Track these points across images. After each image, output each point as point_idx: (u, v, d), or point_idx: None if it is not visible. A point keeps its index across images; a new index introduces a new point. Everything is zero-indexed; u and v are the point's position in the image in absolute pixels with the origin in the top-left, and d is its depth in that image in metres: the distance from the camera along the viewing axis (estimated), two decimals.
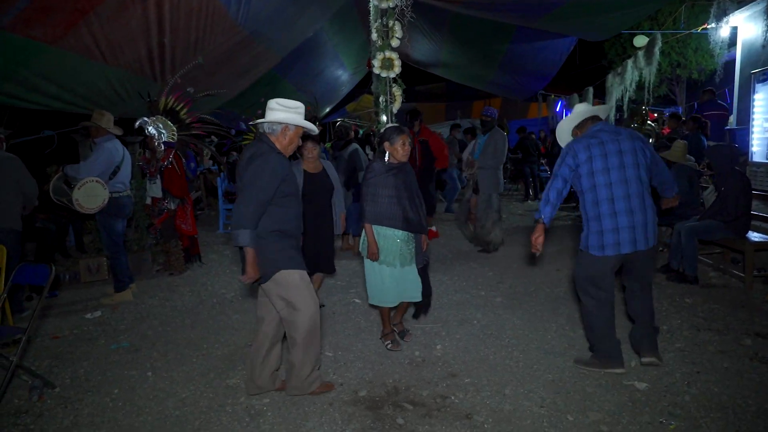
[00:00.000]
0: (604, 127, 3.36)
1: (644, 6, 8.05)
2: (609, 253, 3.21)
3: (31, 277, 3.65)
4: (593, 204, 3.24)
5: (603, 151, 3.21)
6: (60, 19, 5.07)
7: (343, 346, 4.02)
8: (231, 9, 6.67)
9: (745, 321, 4.17)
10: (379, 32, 4.72)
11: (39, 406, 3.27)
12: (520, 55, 12.04)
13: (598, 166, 3.20)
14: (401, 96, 4.86)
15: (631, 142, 3.27)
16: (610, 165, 3.19)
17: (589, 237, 3.27)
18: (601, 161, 3.20)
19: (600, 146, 3.23)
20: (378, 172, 3.75)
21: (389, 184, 3.72)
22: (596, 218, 3.23)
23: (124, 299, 5.32)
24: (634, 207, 3.19)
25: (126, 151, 5.35)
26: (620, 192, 3.18)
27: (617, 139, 3.26)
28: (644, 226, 3.21)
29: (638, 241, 3.20)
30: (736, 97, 8.58)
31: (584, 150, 3.24)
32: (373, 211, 3.73)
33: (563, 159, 3.31)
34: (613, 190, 3.18)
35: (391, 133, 3.76)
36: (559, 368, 3.52)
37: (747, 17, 8.16)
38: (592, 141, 3.25)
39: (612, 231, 3.18)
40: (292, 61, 10.34)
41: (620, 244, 3.18)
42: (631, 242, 3.19)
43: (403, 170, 3.82)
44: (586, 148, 3.24)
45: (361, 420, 3.00)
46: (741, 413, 2.90)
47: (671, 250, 5.37)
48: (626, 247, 3.19)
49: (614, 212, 3.18)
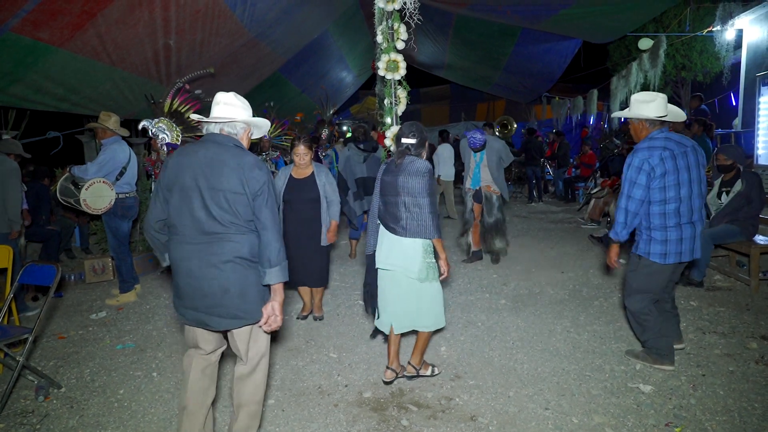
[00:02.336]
0: (668, 134, 3.33)
1: (649, 8, 8.05)
2: (670, 261, 3.31)
3: (37, 278, 3.67)
4: (660, 215, 3.28)
5: (675, 166, 3.22)
6: (67, 21, 5.11)
7: (347, 348, 4.03)
8: (237, 11, 6.71)
9: (751, 324, 4.16)
10: (384, 34, 4.73)
11: (45, 406, 3.29)
12: (524, 58, 12.06)
13: (671, 181, 3.23)
14: (406, 98, 4.86)
15: (695, 156, 3.32)
16: (681, 180, 3.24)
17: (652, 244, 3.32)
18: (674, 176, 3.23)
19: (672, 160, 3.22)
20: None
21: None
22: (662, 228, 3.28)
23: (129, 300, 5.34)
24: (695, 220, 3.32)
25: (132, 153, 5.38)
26: (686, 207, 3.27)
27: (685, 152, 3.27)
28: (698, 237, 3.35)
29: (695, 250, 3.35)
30: (741, 99, 8.57)
31: (660, 165, 3.21)
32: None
33: (636, 176, 3.24)
34: (681, 205, 3.26)
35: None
36: (564, 371, 3.52)
37: (752, 20, 8.15)
38: (665, 154, 3.22)
39: (677, 241, 3.28)
40: (297, 62, 10.38)
41: (682, 254, 3.30)
42: (689, 252, 3.32)
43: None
44: (661, 162, 3.21)
45: (366, 421, 3.00)
46: (746, 416, 2.89)
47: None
48: (686, 256, 3.32)
49: (680, 224, 3.27)
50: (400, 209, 3.18)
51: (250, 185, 2.35)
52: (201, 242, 2.36)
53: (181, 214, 2.37)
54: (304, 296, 4.67)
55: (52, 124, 8.58)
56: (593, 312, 4.60)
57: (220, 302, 2.37)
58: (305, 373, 3.63)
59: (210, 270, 2.35)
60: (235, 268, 2.37)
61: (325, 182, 4.38)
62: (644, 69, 9.93)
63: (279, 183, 4.37)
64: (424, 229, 3.14)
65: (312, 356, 3.90)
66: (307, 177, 4.38)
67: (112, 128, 5.15)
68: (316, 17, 9.09)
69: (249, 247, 2.40)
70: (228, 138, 2.49)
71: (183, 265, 2.40)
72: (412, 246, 3.19)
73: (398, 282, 3.28)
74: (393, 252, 3.24)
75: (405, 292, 3.27)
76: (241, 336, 2.50)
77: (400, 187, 3.17)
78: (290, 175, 4.38)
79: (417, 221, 3.14)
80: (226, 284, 2.36)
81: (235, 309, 2.39)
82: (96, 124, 5.20)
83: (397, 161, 3.24)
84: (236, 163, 2.35)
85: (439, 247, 3.22)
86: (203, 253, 2.36)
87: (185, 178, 2.37)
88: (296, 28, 8.70)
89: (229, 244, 2.36)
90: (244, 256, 2.38)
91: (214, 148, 2.42)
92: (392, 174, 3.24)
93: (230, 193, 2.33)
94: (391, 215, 3.24)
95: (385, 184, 3.29)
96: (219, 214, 2.34)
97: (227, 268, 2.36)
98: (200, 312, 2.41)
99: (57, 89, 6.13)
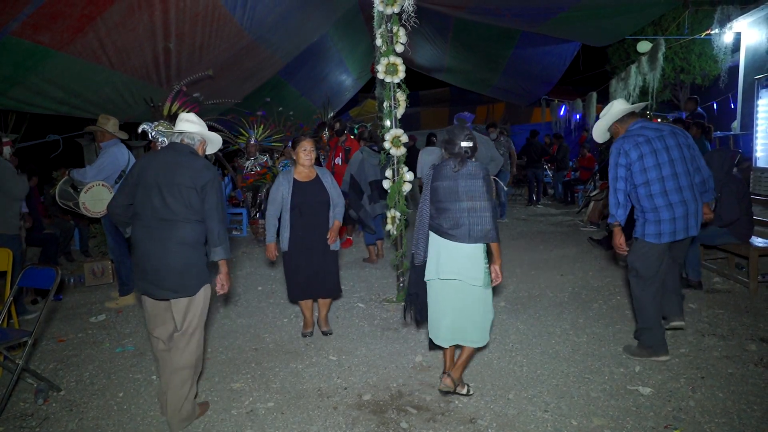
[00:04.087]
0: (645, 123, 3.61)
1: (648, 11, 8.07)
2: (665, 240, 3.48)
3: (37, 281, 3.67)
4: (648, 197, 3.47)
5: (651, 149, 3.46)
6: (67, 24, 5.12)
7: (347, 351, 4.03)
8: (236, 14, 6.72)
9: (750, 326, 4.16)
10: (383, 37, 4.74)
11: (44, 410, 3.29)
12: (524, 60, 12.07)
13: (649, 163, 3.44)
14: (405, 101, 4.88)
15: (675, 138, 3.52)
16: (660, 162, 3.44)
17: (646, 226, 3.52)
18: (652, 158, 3.44)
19: (647, 144, 3.46)
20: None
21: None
22: (653, 210, 3.47)
23: (129, 303, 5.34)
24: (687, 198, 3.45)
25: (132, 156, 5.38)
26: (672, 185, 3.43)
27: (661, 135, 3.50)
28: (696, 214, 3.50)
29: (690, 227, 3.49)
30: (739, 102, 8.59)
31: (634, 148, 3.46)
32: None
33: (616, 160, 3.51)
34: (666, 184, 3.43)
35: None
36: (563, 373, 3.52)
37: (751, 23, 8.17)
38: (639, 139, 3.48)
39: (669, 221, 3.44)
40: (296, 65, 10.40)
41: (676, 232, 3.46)
42: (684, 229, 3.47)
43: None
44: (636, 147, 3.46)
45: (365, 424, 3.00)
46: (745, 419, 2.89)
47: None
48: (681, 234, 3.48)
49: (669, 204, 3.43)
50: (462, 215, 3.08)
51: (198, 181, 2.91)
52: (156, 227, 2.91)
53: (144, 204, 2.92)
54: (305, 311, 4.34)
55: (52, 128, 8.60)
56: (592, 314, 4.60)
57: (164, 276, 2.89)
58: (304, 376, 3.63)
59: (160, 249, 2.89)
60: (179, 249, 2.90)
61: (331, 184, 4.19)
62: (643, 72, 9.95)
63: (283, 189, 4.07)
64: (487, 233, 3.07)
65: (311, 359, 3.91)
66: (312, 179, 4.13)
67: (111, 131, 5.16)
68: (316, 20, 9.12)
69: (193, 234, 2.93)
70: (185, 146, 3.09)
71: (141, 245, 2.95)
72: (474, 252, 3.11)
73: (461, 292, 3.16)
74: (456, 260, 3.12)
75: (470, 302, 3.17)
76: (178, 307, 2.96)
77: (461, 192, 3.09)
78: (293, 178, 4.10)
79: (480, 226, 3.06)
80: (171, 262, 2.89)
81: (174, 283, 2.90)
82: (95, 127, 5.20)
83: (457, 166, 3.12)
84: (189, 164, 2.95)
85: (498, 251, 3.15)
86: (156, 235, 2.90)
87: (148, 177, 2.93)
88: (296, 31, 8.72)
89: (177, 230, 2.89)
90: (187, 241, 2.91)
91: (173, 153, 3.03)
92: (450, 179, 3.14)
93: (183, 188, 2.90)
94: (450, 222, 3.11)
95: (443, 190, 3.16)
96: (173, 204, 2.88)
97: (173, 249, 2.89)
98: (149, 283, 2.94)
99: (57, 92, 6.14)
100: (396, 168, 4.94)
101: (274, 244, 4.15)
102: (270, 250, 4.15)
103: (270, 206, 4.11)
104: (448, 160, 3.21)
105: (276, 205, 4.09)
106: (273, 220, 4.11)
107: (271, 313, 4.97)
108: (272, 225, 4.12)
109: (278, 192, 4.09)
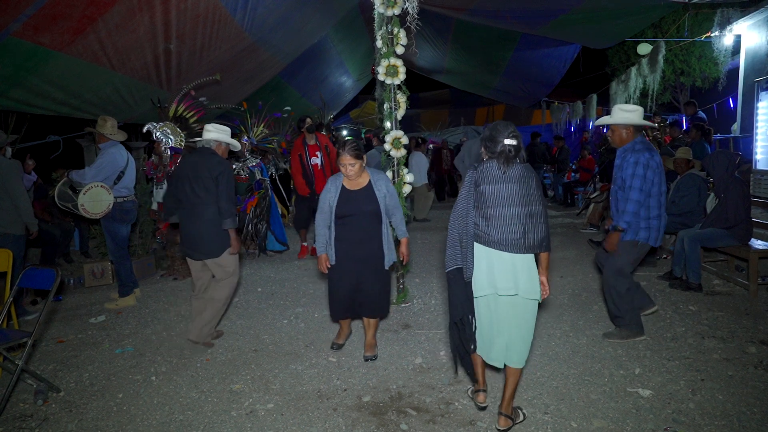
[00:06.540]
0: (644, 139, 3.97)
1: (648, 14, 8.08)
2: (652, 243, 3.96)
3: (37, 282, 3.67)
4: (657, 207, 3.89)
5: (658, 164, 3.85)
6: (68, 25, 5.13)
7: (346, 352, 4.03)
8: (237, 16, 6.73)
9: (750, 329, 4.16)
10: (383, 39, 4.75)
11: (44, 411, 3.28)
12: (524, 62, 12.10)
13: (657, 178, 3.86)
14: (405, 102, 4.88)
15: (660, 157, 3.94)
16: (661, 178, 3.89)
17: (640, 232, 3.90)
18: (659, 174, 3.87)
19: (657, 158, 3.87)
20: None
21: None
22: (657, 217, 3.90)
23: (128, 304, 5.34)
24: (663, 214, 3.98)
25: (130, 157, 5.38)
26: (663, 199, 3.96)
27: (655, 153, 3.88)
28: (662, 229, 3.99)
29: (659, 239, 3.99)
30: (739, 104, 8.60)
31: (655, 163, 3.82)
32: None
33: (644, 171, 3.77)
34: (661, 198, 3.92)
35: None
36: (563, 375, 3.52)
37: (751, 25, 8.19)
38: (654, 153, 3.85)
39: (657, 228, 3.92)
40: (297, 67, 10.41)
41: (658, 239, 3.96)
42: (656, 240, 3.97)
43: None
44: (653, 159, 3.82)
45: (365, 425, 3.00)
46: (745, 421, 2.89)
47: (674, 257, 5.37)
48: (655, 242, 3.98)
49: (659, 215, 3.91)
50: (515, 222, 2.77)
51: (214, 172, 4.00)
52: (190, 209, 4.05)
53: (182, 193, 4.07)
54: (343, 325, 4.15)
55: (52, 128, 8.60)
56: (592, 316, 4.60)
57: (197, 244, 4.06)
58: (304, 377, 3.63)
59: (193, 226, 4.04)
60: (205, 225, 4.01)
61: (386, 193, 3.78)
62: (643, 74, 9.97)
63: (329, 197, 3.74)
64: (542, 241, 2.80)
65: (311, 360, 3.90)
66: (363, 187, 3.76)
67: (108, 133, 5.15)
68: (316, 22, 9.12)
69: (213, 213, 4.01)
70: (207, 149, 4.19)
71: (183, 223, 4.13)
72: (530, 264, 2.82)
73: (517, 307, 2.86)
74: (512, 273, 2.80)
75: (525, 318, 2.87)
76: (212, 264, 4.14)
77: (514, 197, 2.77)
78: (342, 185, 3.75)
79: (537, 234, 2.78)
80: (202, 233, 4.03)
81: (205, 249, 4.06)
82: (92, 129, 5.21)
83: (504, 168, 2.80)
84: (208, 161, 4.05)
85: (547, 261, 2.89)
86: (191, 214, 4.05)
87: (182, 173, 4.10)
88: (296, 33, 8.73)
89: (203, 211, 4.01)
90: (210, 218, 4.01)
91: (198, 154, 4.16)
92: (498, 182, 2.80)
93: (204, 179, 3.99)
94: (503, 230, 2.78)
95: (491, 195, 2.81)
96: (199, 191, 4.00)
97: (202, 225, 4.02)
98: (190, 249, 4.13)
99: (57, 93, 6.14)
100: (396, 169, 4.95)
101: (325, 255, 3.77)
102: (321, 262, 3.77)
103: (319, 215, 3.79)
104: (490, 161, 2.86)
105: (325, 214, 3.77)
106: (322, 230, 3.78)
107: (270, 314, 4.97)
108: (322, 235, 3.78)
109: (326, 199, 3.76)
